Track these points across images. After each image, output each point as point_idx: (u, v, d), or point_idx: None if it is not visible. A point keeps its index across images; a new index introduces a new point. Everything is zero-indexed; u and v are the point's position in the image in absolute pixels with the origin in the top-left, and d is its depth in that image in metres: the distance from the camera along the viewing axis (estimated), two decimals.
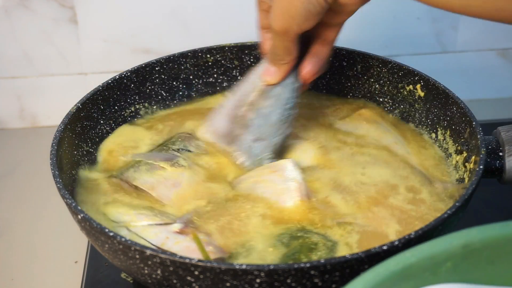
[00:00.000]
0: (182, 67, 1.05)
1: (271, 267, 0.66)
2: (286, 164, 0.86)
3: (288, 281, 0.67)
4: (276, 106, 0.89)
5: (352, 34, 1.21)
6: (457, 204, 0.74)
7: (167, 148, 0.92)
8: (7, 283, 0.92)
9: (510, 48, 1.27)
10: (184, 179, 0.86)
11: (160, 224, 0.80)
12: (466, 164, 0.86)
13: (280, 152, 0.91)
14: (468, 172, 0.85)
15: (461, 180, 0.87)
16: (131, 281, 0.88)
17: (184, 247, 0.76)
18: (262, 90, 0.89)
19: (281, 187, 0.84)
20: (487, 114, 1.22)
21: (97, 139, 0.95)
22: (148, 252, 0.68)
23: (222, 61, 1.05)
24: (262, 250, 0.77)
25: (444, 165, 0.92)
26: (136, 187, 0.86)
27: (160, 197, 0.85)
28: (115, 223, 0.81)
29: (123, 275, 0.88)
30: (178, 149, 0.92)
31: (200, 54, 1.05)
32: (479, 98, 1.30)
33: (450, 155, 0.92)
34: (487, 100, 1.31)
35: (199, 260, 0.67)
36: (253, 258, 0.76)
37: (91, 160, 0.92)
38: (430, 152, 0.94)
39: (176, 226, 0.79)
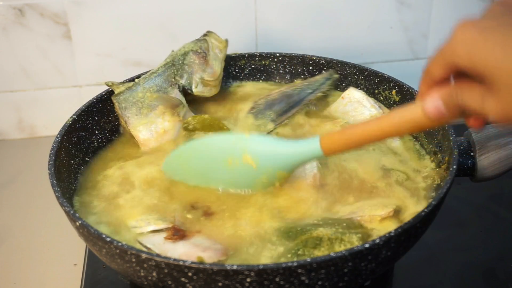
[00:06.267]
0: None
1: (260, 267, 0.65)
2: None
3: (277, 279, 0.66)
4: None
5: (329, 44, 1.21)
6: (433, 203, 0.73)
7: (174, 77, 0.96)
8: (10, 286, 0.91)
9: None
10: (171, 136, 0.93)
11: (160, 231, 0.79)
12: (440, 164, 0.86)
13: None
14: (442, 172, 0.85)
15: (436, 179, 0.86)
16: (128, 282, 0.87)
17: (182, 253, 0.74)
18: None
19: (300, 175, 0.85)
20: None
21: (93, 149, 0.94)
22: (144, 255, 0.67)
23: None
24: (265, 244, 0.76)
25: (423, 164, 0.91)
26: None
27: (142, 144, 0.92)
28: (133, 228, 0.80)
29: (120, 276, 0.87)
30: (183, 86, 0.96)
31: None
32: None
33: (426, 155, 0.91)
34: None
35: (192, 262, 0.66)
36: (254, 252, 0.75)
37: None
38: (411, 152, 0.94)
39: (170, 235, 0.78)
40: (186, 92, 0.97)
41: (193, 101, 1.00)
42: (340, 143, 0.76)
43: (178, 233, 0.77)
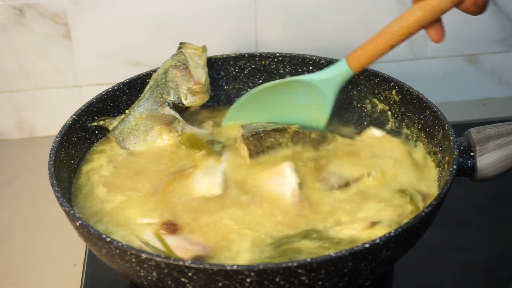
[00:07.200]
0: None
1: (261, 267, 0.65)
2: (285, 168, 0.86)
3: (277, 279, 0.66)
4: None
5: (328, 44, 1.21)
6: (433, 203, 0.73)
7: (161, 97, 0.95)
8: (10, 286, 0.91)
9: (476, 54, 1.27)
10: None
11: (155, 224, 0.80)
12: (440, 164, 0.86)
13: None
14: (442, 172, 0.84)
15: (438, 178, 0.86)
16: (128, 282, 0.87)
17: (171, 245, 0.76)
18: None
19: (279, 191, 0.84)
20: (456, 115, 1.22)
21: (93, 149, 0.94)
22: (144, 255, 0.67)
23: (209, 72, 1.03)
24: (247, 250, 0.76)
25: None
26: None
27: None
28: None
29: (120, 276, 0.87)
30: (173, 102, 0.95)
31: None
32: (449, 100, 1.30)
33: (425, 155, 0.91)
34: (456, 103, 1.31)
35: (193, 262, 0.66)
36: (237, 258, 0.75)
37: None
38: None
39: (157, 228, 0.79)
40: (179, 107, 0.97)
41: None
42: (365, 56, 0.88)
43: (171, 227, 0.78)
